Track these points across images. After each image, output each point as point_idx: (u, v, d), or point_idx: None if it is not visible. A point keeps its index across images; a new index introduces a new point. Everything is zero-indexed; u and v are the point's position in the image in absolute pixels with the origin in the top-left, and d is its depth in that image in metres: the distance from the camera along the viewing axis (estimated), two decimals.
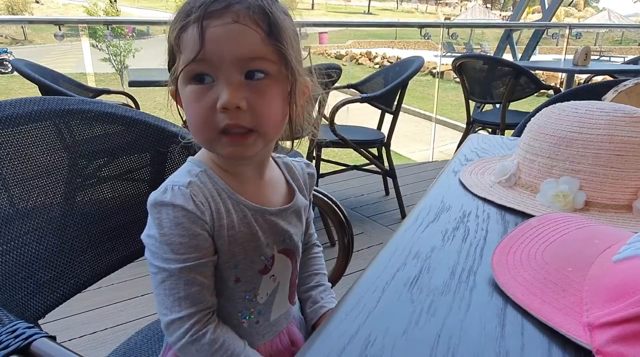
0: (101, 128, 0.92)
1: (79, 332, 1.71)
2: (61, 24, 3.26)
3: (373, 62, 20.25)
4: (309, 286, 0.82)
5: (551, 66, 4.11)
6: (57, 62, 5.22)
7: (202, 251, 0.59)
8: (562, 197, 0.70)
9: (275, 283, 0.68)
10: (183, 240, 0.57)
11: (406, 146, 7.28)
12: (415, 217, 0.66)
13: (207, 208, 0.59)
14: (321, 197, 1.07)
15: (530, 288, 0.46)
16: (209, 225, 0.59)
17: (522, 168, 0.80)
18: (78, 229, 0.87)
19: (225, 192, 0.62)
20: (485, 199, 0.75)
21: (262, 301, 0.67)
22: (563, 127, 0.74)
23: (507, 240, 0.54)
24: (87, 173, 0.91)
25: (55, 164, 0.84)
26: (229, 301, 0.65)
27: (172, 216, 0.57)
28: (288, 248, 0.68)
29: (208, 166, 0.62)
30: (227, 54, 0.54)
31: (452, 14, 60.60)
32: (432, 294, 0.47)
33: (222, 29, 0.54)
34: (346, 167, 3.02)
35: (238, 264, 0.63)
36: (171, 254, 0.58)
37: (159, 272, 0.59)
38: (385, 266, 0.53)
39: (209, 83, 0.55)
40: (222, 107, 0.54)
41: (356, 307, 0.44)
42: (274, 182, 0.69)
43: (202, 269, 0.59)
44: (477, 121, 3.39)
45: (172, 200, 0.57)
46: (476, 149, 1.06)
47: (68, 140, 0.89)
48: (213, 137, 0.57)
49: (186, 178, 0.60)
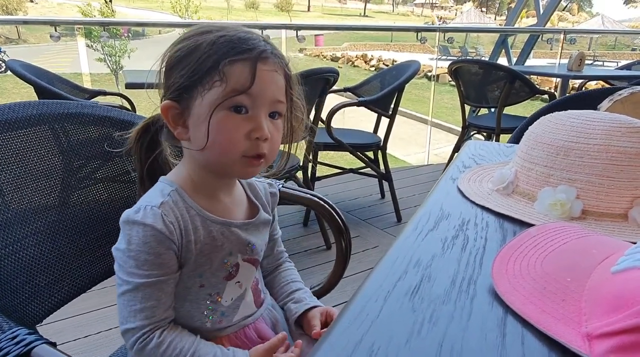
0: (97, 131, 0.92)
1: (73, 335, 1.70)
2: (57, 25, 3.25)
3: (369, 64, 20.30)
4: (290, 292, 0.87)
5: (546, 71, 4.14)
6: (52, 62, 5.21)
7: (164, 269, 0.66)
8: (560, 205, 0.71)
9: (242, 289, 0.76)
10: (148, 257, 0.64)
11: (402, 149, 7.30)
12: (415, 224, 0.67)
13: (177, 227, 0.66)
14: (318, 201, 1.07)
15: (530, 298, 0.46)
16: (177, 243, 0.66)
17: (520, 176, 0.81)
18: (75, 233, 0.86)
19: (194, 209, 0.68)
20: (483, 207, 0.76)
21: (226, 304, 0.74)
22: (560, 137, 0.75)
23: (507, 249, 0.55)
24: (83, 175, 0.91)
25: (51, 167, 0.84)
26: (193, 304, 0.71)
27: (142, 234, 0.64)
28: (252, 257, 0.76)
29: (179, 186, 0.69)
30: (269, 94, 0.65)
31: (447, 17, 60.85)
32: (434, 303, 0.48)
33: (268, 74, 0.64)
34: (342, 170, 3.03)
35: (203, 273, 0.71)
36: (135, 269, 0.64)
37: (122, 284, 0.66)
38: (387, 274, 0.53)
39: (244, 114, 0.64)
40: (263, 137, 0.64)
41: (360, 316, 0.45)
42: (238, 199, 0.77)
43: (161, 286, 0.66)
44: (473, 125, 3.41)
45: (143, 219, 0.64)
46: (474, 156, 1.07)
47: (64, 144, 0.89)
48: (235, 159, 0.65)
49: (159, 198, 0.67)
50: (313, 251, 2.47)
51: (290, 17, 18.11)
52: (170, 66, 0.66)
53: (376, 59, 20.80)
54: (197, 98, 0.64)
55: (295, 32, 3.95)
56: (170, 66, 0.66)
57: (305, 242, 2.58)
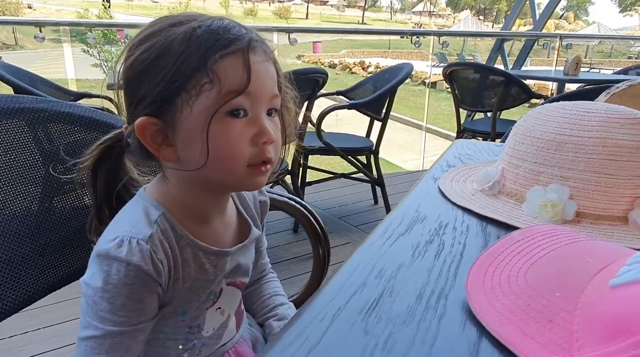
0: (65, 129, 0.84)
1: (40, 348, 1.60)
2: (42, 26, 3.18)
3: (366, 71, 20.30)
4: (272, 306, 0.78)
5: (542, 75, 4.08)
6: (49, 68, 5.15)
7: (143, 316, 0.55)
8: (550, 207, 0.62)
9: (224, 316, 0.66)
10: (127, 302, 0.52)
11: (399, 155, 7.24)
12: (384, 229, 0.58)
13: (165, 265, 0.54)
14: (294, 204, 0.99)
15: (510, 317, 0.38)
16: (164, 285, 0.55)
17: (506, 175, 0.72)
18: (15, 238, 0.78)
19: (184, 239, 0.57)
20: (465, 209, 0.67)
21: (207, 335, 0.64)
22: (551, 130, 0.66)
23: (485, 256, 0.46)
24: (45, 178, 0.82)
25: None
26: (169, 336, 0.61)
27: (124, 274, 0.51)
28: (237, 280, 0.66)
29: (164, 207, 0.56)
30: (266, 90, 0.54)
31: (444, 25, 61.36)
32: (392, 323, 0.39)
33: (262, 66, 0.53)
34: (333, 175, 2.95)
35: (188, 310, 0.60)
36: (108, 314, 0.52)
37: (88, 327, 0.53)
38: (341, 286, 0.44)
39: (243, 117, 0.53)
40: (270, 141, 0.54)
41: (296, 341, 0.36)
42: (229, 219, 0.65)
43: (135, 334, 0.54)
44: (468, 130, 3.35)
45: (128, 257, 0.51)
46: (460, 155, 0.98)
47: (45, 145, 0.81)
48: (242, 171, 0.54)
49: (146, 228, 0.54)
50: (302, 258, 2.38)
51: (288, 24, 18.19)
52: (137, 73, 0.52)
53: (374, 65, 20.81)
54: (184, 109, 0.51)
55: (287, 36, 3.88)
56: (138, 73, 0.52)
57: (295, 248, 2.49)
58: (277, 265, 2.24)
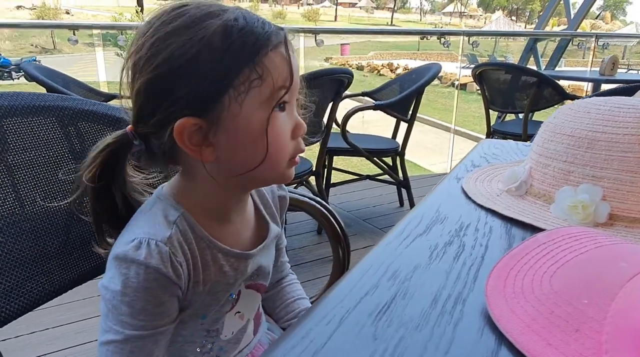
0: (91, 127, 0.85)
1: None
2: (75, 29, 3.27)
3: (395, 73, 20.16)
4: (297, 311, 0.75)
5: (576, 75, 3.94)
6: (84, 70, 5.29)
7: (163, 319, 0.53)
8: (581, 208, 0.58)
9: (244, 321, 0.64)
10: (147, 305, 0.51)
11: (427, 158, 7.15)
12: (401, 229, 0.56)
13: (185, 267, 0.53)
14: (314, 204, 0.97)
15: (532, 325, 0.35)
16: (183, 287, 0.53)
17: (534, 174, 0.68)
18: (44, 234, 0.78)
19: (204, 240, 0.55)
20: (489, 210, 0.64)
21: (225, 339, 0.62)
22: (583, 126, 0.62)
23: (507, 259, 0.43)
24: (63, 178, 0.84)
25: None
26: (187, 339, 0.60)
27: (143, 277, 0.50)
28: (258, 282, 0.64)
29: (184, 207, 0.54)
30: (299, 83, 0.54)
31: (475, 26, 60.38)
32: (404, 328, 0.36)
33: (295, 59, 0.53)
34: (358, 176, 2.92)
35: (207, 314, 0.59)
36: (128, 317, 0.51)
37: (109, 331, 0.52)
38: (351, 288, 0.42)
39: (284, 111, 0.53)
40: (305, 132, 0.54)
41: (299, 345, 0.34)
42: (248, 216, 0.63)
43: (157, 338, 0.53)
44: (498, 132, 3.26)
45: (147, 260, 0.49)
46: (486, 155, 0.94)
47: (76, 144, 0.82)
48: (285, 166, 0.54)
49: (165, 230, 0.52)
50: (325, 260, 2.36)
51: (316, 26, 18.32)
52: (173, 70, 0.48)
53: (402, 67, 20.63)
54: (231, 106, 0.49)
55: (314, 37, 3.87)
56: (175, 69, 0.48)
57: (318, 250, 2.48)
58: (299, 267, 2.23)
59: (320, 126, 2.36)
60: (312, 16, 58.24)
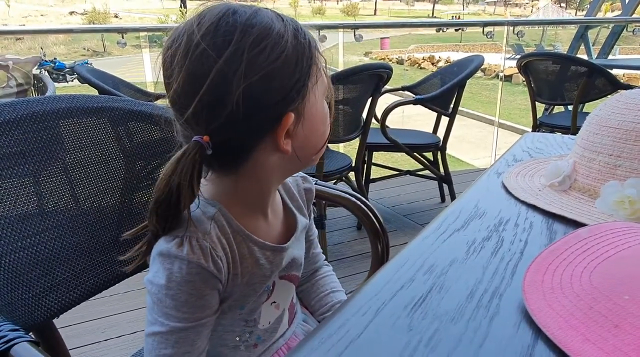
0: (139, 126, 0.89)
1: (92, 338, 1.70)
2: (124, 32, 3.41)
3: (436, 66, 19.74)
4: (332, 303, 0.77)
5: (630, 64, 3.73)
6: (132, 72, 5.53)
7: (206, 311, 0.56)
8: (628, 203, 0.56)
9: (279, 310, 0.66)
10: (190, 298, 0.54)
11: (469, 153, 6.98)
12: (438, 224, 0.56)
13: (224, 261, 0.56)
14: (351, 198, 0.98)
15: (570, 320, 0.34)
16: (223, 280, 0.56)
17: (579, 169, 0.66)
18: (97, 228, 0.83)
19: (240, 234, 0.58)
20: (530, 205, 0.63)
21: (263, 328, 0.65)
22: (631, 118, 0.60)
23: (547, 254, 0.43)
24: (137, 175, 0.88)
25: (82, 161, 0.82)
26: (227, 327, 0.63)
27: (186, 272, 0.53)
28: (291, 273, 0.67)
29: (219, 203, 0.57)
30: None
31: (522, 15, 58.14)
32: (439, 320, 0.37)
33: None
34: (399, 172, 2.90)
35: (245, 304, 0.62)
36: (173, 310, 0.54)
37: (155, 323, 0.55)
38: (387, 281, 0.43)
39: None
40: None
41: (336, 334, 0.35)
42: (278, 209, 0.66)
43: (199, 329, 0.56)
44: (545, 124, 3.13)
45: (189, 256, 0.53)
46: (529, 149, 0.92)
47: (126, 143, 0.87)
48: (323, 149, 0.60)
49: (204, 226, 0.55)
50: (365, 255, 2.37)
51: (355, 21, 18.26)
52: (271, 72, 0.50)
53: (444, 60, 20.19)
54: (310, 97, 0.54)
55: (352, 33, 3.85)
56: (273, 71, 0.50)
57: (358, 245, 2.48)
58: (339, 262, 2.24)
59: (359, 122, 2.36)
60: (351, 11, 57.86)
